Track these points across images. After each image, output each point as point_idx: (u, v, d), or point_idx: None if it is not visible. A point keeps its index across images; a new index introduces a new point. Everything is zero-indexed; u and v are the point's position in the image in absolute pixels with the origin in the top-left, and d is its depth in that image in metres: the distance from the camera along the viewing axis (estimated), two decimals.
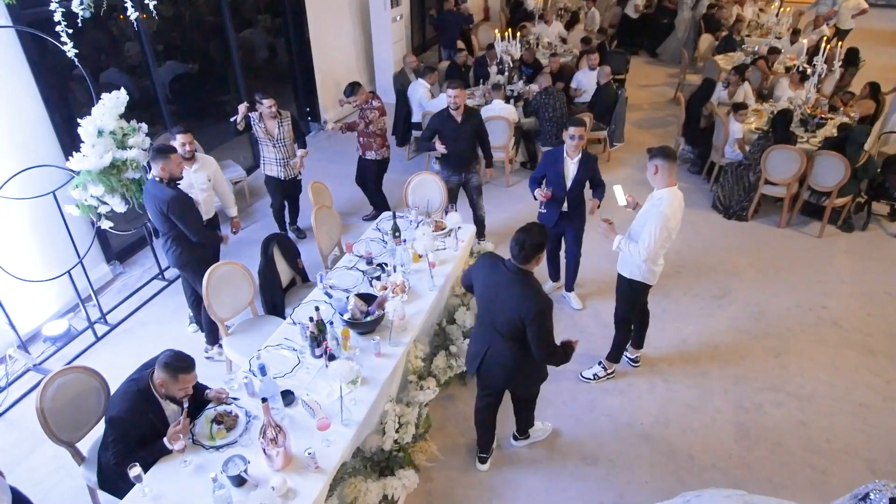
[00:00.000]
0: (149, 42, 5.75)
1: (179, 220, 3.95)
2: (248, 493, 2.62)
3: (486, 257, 3.19)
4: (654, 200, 3.64)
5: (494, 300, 3.03)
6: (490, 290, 3.05)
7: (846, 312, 5.03)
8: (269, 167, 5.51)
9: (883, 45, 12.67)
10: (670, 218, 3.54)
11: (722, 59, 9.27)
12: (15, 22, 4.28)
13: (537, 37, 9.65)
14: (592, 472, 3.69)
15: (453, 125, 5.14)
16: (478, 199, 5.58)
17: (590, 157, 4.51)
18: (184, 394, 2.87)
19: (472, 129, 5.22)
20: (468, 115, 5.19)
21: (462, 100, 5.09)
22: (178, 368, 2.81)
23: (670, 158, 3.54)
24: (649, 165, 3.60)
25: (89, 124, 4.31)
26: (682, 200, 3.64)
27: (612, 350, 4.27)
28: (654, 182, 3.62)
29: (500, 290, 2.99)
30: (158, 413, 2.90)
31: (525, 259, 2.93)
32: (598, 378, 4.31)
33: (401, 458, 3.27)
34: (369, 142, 5.85)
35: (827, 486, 3.58)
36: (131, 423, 2.78)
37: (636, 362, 4.44)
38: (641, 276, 3.86)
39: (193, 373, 2.87)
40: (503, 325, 3.02)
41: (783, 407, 4.13)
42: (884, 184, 6.08)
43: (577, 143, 4.37)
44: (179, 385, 2.83)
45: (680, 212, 3.63)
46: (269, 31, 8.02)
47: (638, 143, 8.10)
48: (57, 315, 4.91)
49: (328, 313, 3.65)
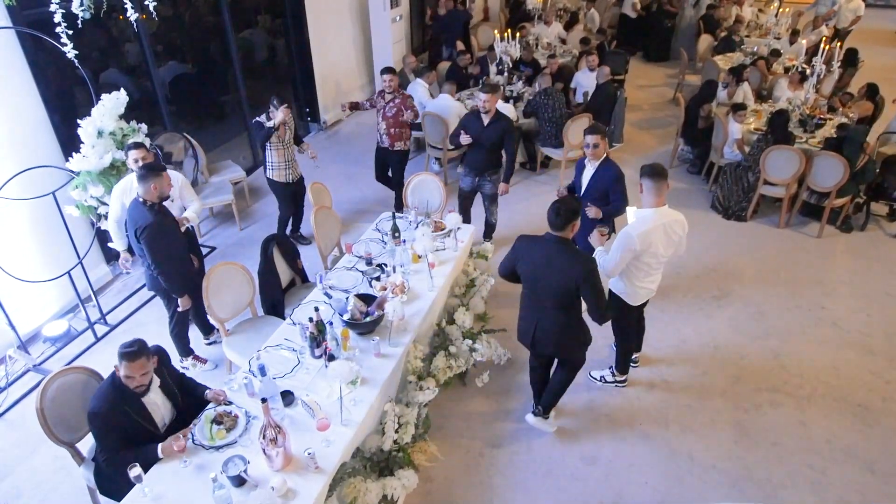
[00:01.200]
0: (148, 43, 5.76)
1: (147, 249, 3.75)
2: (247, 493, 2.63)
3: (522, 239, 3.42)
4: (634, 218, 3.59)
5: (544, 273, 3.26)
6: (538, 266, 3.28)
7: (845, 313, 5.04)
8: (278, 172, 5.39)
9: (882, 45, 12.69)
10: (635, 239, 3.44)
11: (721, 59, 9.28)
12: (15, 23, 4.29)
13: (536, 37, 9.66)
14: (592, 472, 3.70)
15: (478, 126, 5.12)
16: (490, 206, 5.57)
17: (610, 166, 4.31)
18: (137, 383, 2.79)
19: (496, 136, 5.10)
20: (495, 120, 5.10)
21: (492, 105, 5.04)
22: (123, 355, 2.74)
23: (657, 178, 3.41)
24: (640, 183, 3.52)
25: (89, 125, 4.33)
26: (671, 223, 3.50)
27: (616, 361, 4.26)
28: (642, 200, 3.54)
29: (548, 261, 3.23)
30: (136, 405, 2.86)
31: (562, 225, 3.18)
32: (606, 381, 4.30)
33: (400, 459, 3.27)
34: (400, 132, 5.84)
35: (826, 487, 3.59)
36: (109, 417, 2.76)
37: (634, 362, 4.44)
38: (619, 292, 3.83)
39: (140, 360, 2.75)
40: (555, 294, 3.28)
41: (782, 407, 4.14)
42: (883, 184, 6.08)
43: (591, 150, 4.26)
44: (126, 373, 2.75)
45: (660, 234, 3.49)
46: (268, 31, 8.02)
47: (637, 144, 8.12)
48: (57, 315, 4.91)
49: (328, 314, 3.66)
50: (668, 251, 3.61)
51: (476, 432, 3.96)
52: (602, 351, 4.55)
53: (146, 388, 2.87)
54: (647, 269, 3.65)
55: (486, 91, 5.00)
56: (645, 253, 3.53)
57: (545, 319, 3.44)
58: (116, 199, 4.14)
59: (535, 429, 3.93)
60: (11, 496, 3.58)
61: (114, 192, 4.17)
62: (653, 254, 3.55)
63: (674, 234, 3.56)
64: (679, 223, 3.56)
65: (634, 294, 3.79)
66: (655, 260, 3.61)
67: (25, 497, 3.58)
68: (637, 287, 3.75)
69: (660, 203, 3.48)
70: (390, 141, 5.91)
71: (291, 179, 5.49)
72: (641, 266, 3.63)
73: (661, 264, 3.70)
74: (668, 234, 3.54)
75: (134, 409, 2.85)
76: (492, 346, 4.16)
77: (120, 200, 4.12)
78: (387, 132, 5.89)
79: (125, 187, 4.11)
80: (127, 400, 2.83)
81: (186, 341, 4.41)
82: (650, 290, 3.83)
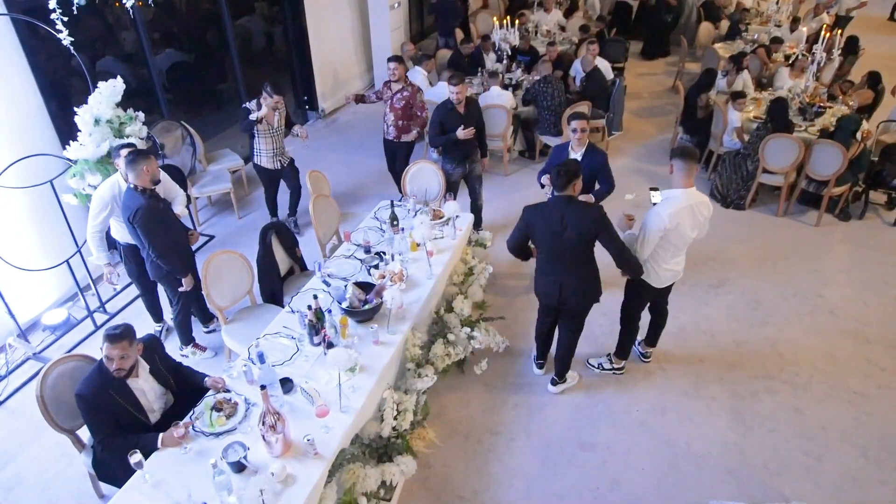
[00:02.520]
0: (145, 30, 5.72)
1: (143, 232, 3.71)
2: (247, 479, 2.64)
3: (529, 209, 3.63)
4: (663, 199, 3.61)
5: (561, 230, 3.46)
6: (553, 225, 3.48)
7: (842, 301, 5.06)
8: (265, 159, 5.44)
9: (884, 33, 12.61)
10: (666, 218, 3.47)
11: (721, 47, 9.23)
12: (10, 9, 4.26)
13: (536, 24, 9.59)
14: (589, 458, 3.73)
15: (457, 117, 5.11)
16: (479, 189, 5.58)
17: (596, 152, 4.44)
18: (115, 366, 2.79)
19: (475, 120, 5.19)
20: (469, 106, 5.17)
21: (464, 95, 5.07)
22: (105, 336, 2.75)
23: (688, 158, 3.45)
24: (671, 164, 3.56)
25: (86, 113, 4.31)
26: (697, 204, 3.54)
27: (618, 346, 4.26)
28: (671, 181, 3.58)
29: (562, 219, 3.45)
30: (122, 390, 2.88)
31: (564, 185, 3.44)
32: (603, 369, 4.32)
33: (399, 445, 3.30)
34: (407, 124, 5.76)
35: (821, 473, 3.62)
36: (92, 400, 2.78)
37: (646, 357, 4.42)
38: (644, 274, 3.84)
39: (120, 343, 2.76)
40: (576, 247, 3.52)
41: (778, 394, 4.16)
42: (881, 172, 6.08)
43: (579, 136, 4.35)
44: (106, 353, 2.76)
45: (688, 215, 3.52)
46: (266, 18, 7.97)
47: (637, 132, 8.09)
48: (56, 304, 4.92)
49: (326, 302, 3.66)
50: (694, 233, 3.64)
51: (474, 419, 3.99)
52: (600, 339, 4.57)
53: (126, 372, 2.85)
54: (674, 249, 3.67)
55: (456, 82, 4.99)
56: (672, 233, 3.56)
57: (569, 277, 3.65)
58: (101, 208, 3.95)
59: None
60: (14, 483, 3.61)
61: (96, 203, 3.96)
62: (679, 234, 3.57)
63: (700, 215, 3.59)
64: (705, 205, 3.60)
65: (657, 276, 3.81)
66: (682, 241, 3.64)
67: (27, 484, 3.61)
68: (663, 269, 3.77)
69: (689, 184, 3.52)
70: (397, 133, 5.77)
71: (279, 166, 5.50)
72: (668, 247, 3.65)
73: (686, 245, 3.73)
74: (695, 215, 3.57)
75: (119, 393, 2.86)
76: (490, 333, 4.17)
77: (104, 211, 3.95)
78: (395, 124, 5.75)
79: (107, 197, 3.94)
80: (111, 384, 2.84)
81: (189, 329, 4.42)
82: (675, 273, 3.84)
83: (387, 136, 5.90)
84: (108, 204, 3.96)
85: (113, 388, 2.84)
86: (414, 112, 5.75)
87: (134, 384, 2.94)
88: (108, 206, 3.96)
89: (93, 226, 4.00)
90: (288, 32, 8.03)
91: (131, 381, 2.92)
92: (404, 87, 5.67)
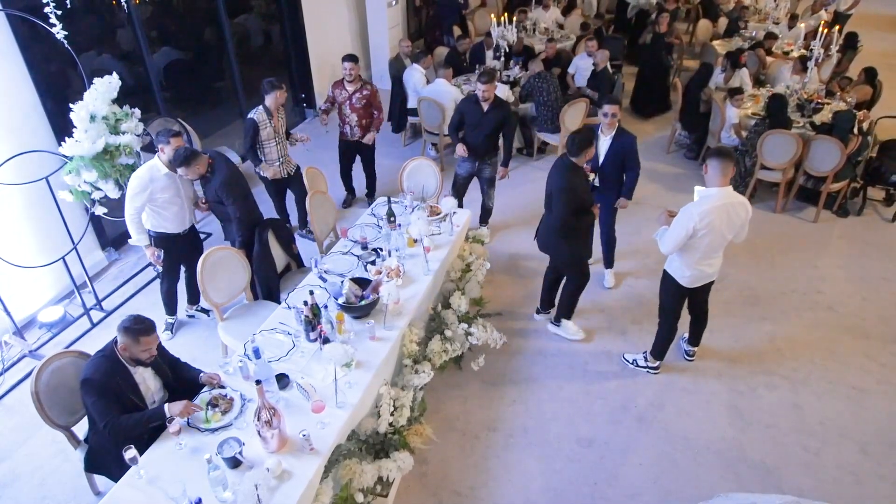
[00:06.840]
0: (142, 28, 5.70)
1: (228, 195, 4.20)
2: (243, 474, 2.62)
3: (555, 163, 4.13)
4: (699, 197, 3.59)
5: (549, 183, 4.10)
6: (549, 178, 4.12)
7: (841, 297, 5.05)
8: (273, 170, 5.14)
9: (883, 30, 12.60)
10: (696, 217, 3.46)
11: (719, 44, 9.22)
12: (4, 5, 4.24)
13: (534, 22, 9.58)
14: (587, 453, 3.72)
15: (478, 113, 5.09)
16: (489, 190, 5.53)
17: (626, 134, 4.53)
18: (148, 355, 2.93)
19: (496, 122, 5.09)
20: (495, 107, 5.08)
21: (492, 93, 5.02)
22: (139, 331, 2.85)
23: (724, 158, 3.43)
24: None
25: (82, 109, 4.28)
26: (733, 204, 3.51)
27: (654, 345, 4.22)
28: (706, 181, 3.56)
29: (551, 174, 4.09)
30: (127, 379, 2.92)
31: (576, 151, 3.88)
32: (637, 365, 4.30)
33: (396, 441, 3.28)
34: (370, 122, 5.73)
35: (820, 468, 3.61)
36: (103, 384, 2.81)
37: (690, 356, 4.38)
38: (672, 271, 3.84)
39: (154, 334, 2.91)
40: (548, 198, 4.13)
41: (777, 390, 4.16)
42: (879, 168, 6.07)
43: (610, 120, 4.46)
44: (142, 347, 2.87)
45: (722, 214, 3.49)
46: (263, 16, 7.95)
47: (635, 129, 8.00)
48: (52, 301, 4.91)
49: (323, 298, 3.65)
50: (730, 234, 3.60)
51: (472, 415, 3.98)
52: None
53: (154, 358, 2.99)
54: (707, 250, 3.64)
55: (485, 80, 4.95)
56: (704, 232, 3.52)
57: (543, 220, 4.32)
58: (139, 190, 4.01)
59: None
60: (10, 479, 3.60)
61: (134, 184, 4.02)
62: (712, 234, 3.54)
63: (736, 216, 3.55)
64: (742, 206, 3.55)
65: (688, 276, 3.78)
66: (717, 241, 3.60)
67: (23, 480, 3.59)
68: (694, 268, 3.74)
69: (724, 183, 3.49)
70: (361, 132, 5.72)
71: (285, 175, 5.29)
72: (700, 246, 3.61)
73: (721, 247, 3.69)
74: (731, 215, 3.53)
75: (124, 381, 2.90)
76: (487, 329, 4.16)
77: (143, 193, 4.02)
78: (358, 123, 5.68)
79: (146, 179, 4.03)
80: (119, 372, 2.89)
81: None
82: (708, 274, 3.81)
83: (349, 137, 5.81)
84: (147, 186, 4.04)
85: (120, 377, 2.89)
86: (372, 111, 5.71)
87: (137, 374, 2.97)
88: (147, 188, 4.05)
89: (131, 208, 4.08)
90: (285, 30, 8.02)
91: (135, 370, 2.96)
92: (363, 87, 5.60)
